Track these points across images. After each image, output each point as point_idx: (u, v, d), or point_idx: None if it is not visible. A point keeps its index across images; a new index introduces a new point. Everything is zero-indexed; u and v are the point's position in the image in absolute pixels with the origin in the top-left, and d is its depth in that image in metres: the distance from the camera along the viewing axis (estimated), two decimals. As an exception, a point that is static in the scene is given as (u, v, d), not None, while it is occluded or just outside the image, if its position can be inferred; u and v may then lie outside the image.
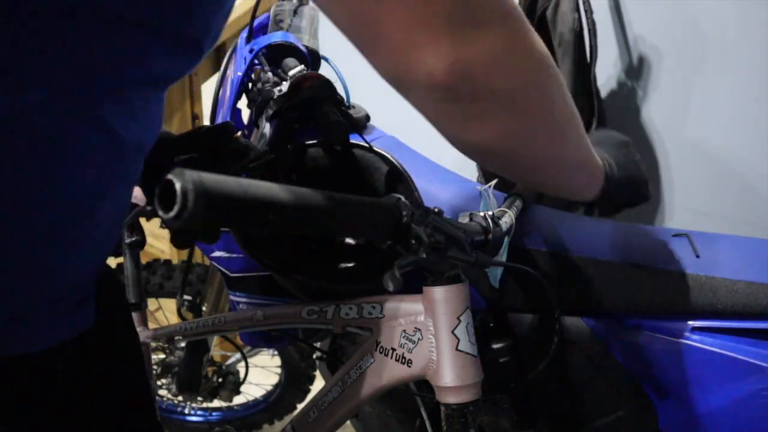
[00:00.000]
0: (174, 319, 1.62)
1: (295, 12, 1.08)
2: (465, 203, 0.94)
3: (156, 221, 1.46)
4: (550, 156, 0.61)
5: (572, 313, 0.87)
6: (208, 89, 1.86)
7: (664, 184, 1.57)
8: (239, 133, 1.10)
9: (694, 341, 0.80)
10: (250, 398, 1.79)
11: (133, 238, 1.18)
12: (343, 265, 0.91)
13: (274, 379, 1.83)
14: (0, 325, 0.52)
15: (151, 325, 1.19)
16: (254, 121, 0.99)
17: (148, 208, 1.13)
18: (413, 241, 0.61)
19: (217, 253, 1.07)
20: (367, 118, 1.07)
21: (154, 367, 1.52)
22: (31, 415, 0.57)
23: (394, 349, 0.77)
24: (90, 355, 0.60)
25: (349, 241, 0.96)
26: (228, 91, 1.05)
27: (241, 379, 1.67)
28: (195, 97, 2.04)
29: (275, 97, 0.94)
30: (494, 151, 0.56)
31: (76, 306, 0.57)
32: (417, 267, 0.60)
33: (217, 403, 1.72)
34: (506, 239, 0.83)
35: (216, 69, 2.03)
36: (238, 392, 1.69)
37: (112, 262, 1.41)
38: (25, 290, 0.53)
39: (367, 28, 0.48)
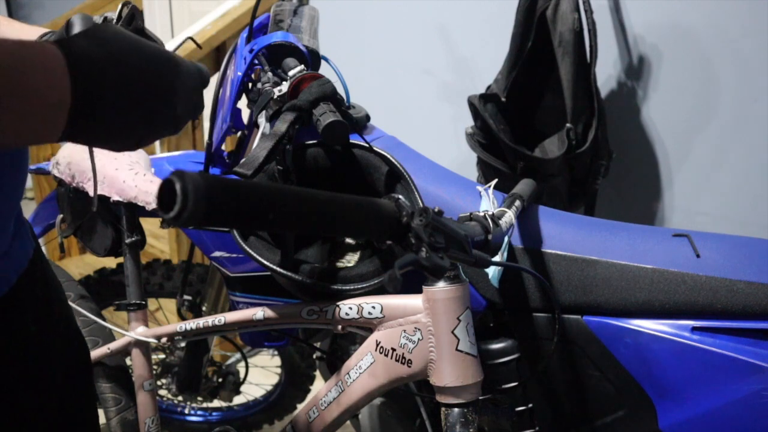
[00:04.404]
0: (174, 319, 1.62)
1: (295, 12, 1.08)
2: (465, 203, 0.94)
3: (156, 221, 1.46)
4: None
5: (572, 312, 0.87)
6: (208, 89, 1.86)
7: (664, 184, 1.57)
8: (239, 133, 1.10)
9: (694, 341, 0.80)
10: (250, 398, 1.79)
11: (133, 238, 1.18)
12: (342, 265, 0.91)
13: (274, 379, 1.83)
14: None
15: (151, 325, 1.19)
16: (254, 121, 0.99)
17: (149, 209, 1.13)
18: (413, 241, 0.61)
19: (217, 253, 1.07)
20: (367, 118, 1.07)
21: (154, 367, 1.52)
22: None
23: (394, 349, 0.77)
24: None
25: (350, 241, 0.96)
26: (228, 91, 1.05)
27: (241, 379, 1.67)
28: (195, 97, 2.04)
29: (275, 97, 0.94)
30: None
31: None
32: (417, 267, 0.60)
33: (217, 403, 1.72)
34: (506, 239, 0.83)
35: (216, 69, 2.03)
36: (238, 392, 1.69)
37: (112, 262, 1.41)
38: None
39: None
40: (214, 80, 0.98)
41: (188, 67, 0.59)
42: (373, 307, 0.80)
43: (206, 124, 1.55)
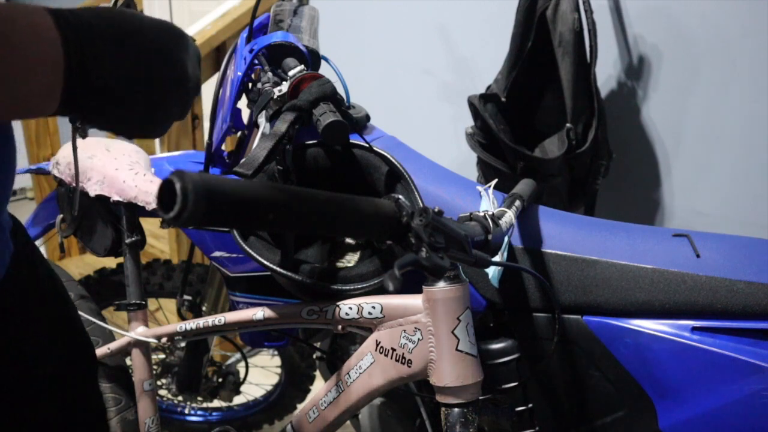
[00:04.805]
0: (174, 319, 1.62)
1: (295, 12, 1.08)
2: (465, 203, 0.94)
3: (156, 221, 1.46)
4: None
5: (572, 312, 0.87)
6: (208, 89, 1.87)
7: (664, 184, 1.57)
8: (239, 133, 1.10)
9: (694, 341, 0.80)
10: (250, 398, 1.80)
11: (133, 238, 1.18)
12: (342, 265, 0.91)
13: (274, 379, 1.83)
14: None
15: (151, 325, 1.19)
16: (254, 121, 0.99)
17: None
18: (413, 241, 0.61)
19: (217, 253, 1.07)
20: (367, 118, 1.07)
21: (154, 367, 1.52)
22: None
23: (394, 349, 0.77)
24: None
25: (350, 241, 0.96)
26: (228, 91, 1.05)
27: (241, 379, 1.67)
28: (195, 97, 2.04)
29: (275, 97, 0.94)
30: None
31: None
32: (417, 267, 0.60)
33: (217, 403, 1.73)
34: (506, 239, 0.83)
35: (216, 69, 2.03)
36: (238, 392, 1.69)
37: (112, 262, 1.41)
38: None
39: None
40: (214, 80, 0.99)
41: (192, 42, 0.58)
42: (373, 307, 0.80)
43: (206, 124, 1.55)
